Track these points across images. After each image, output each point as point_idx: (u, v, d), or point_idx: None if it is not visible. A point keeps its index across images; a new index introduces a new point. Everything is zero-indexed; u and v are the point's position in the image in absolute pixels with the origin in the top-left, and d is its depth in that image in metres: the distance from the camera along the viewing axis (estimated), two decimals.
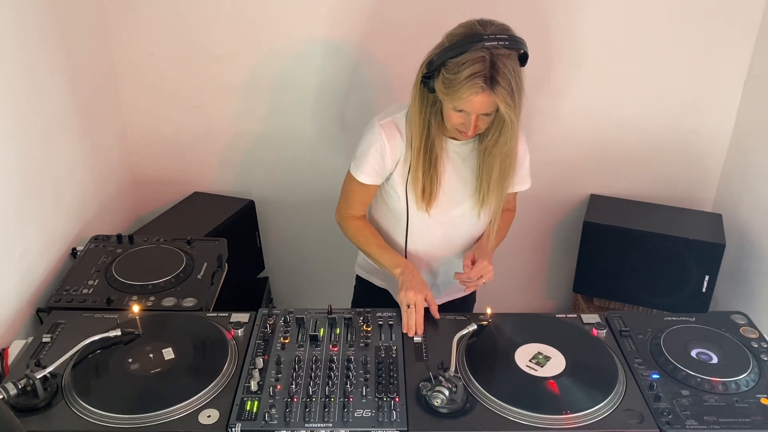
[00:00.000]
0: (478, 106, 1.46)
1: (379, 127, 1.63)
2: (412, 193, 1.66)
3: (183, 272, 1.75)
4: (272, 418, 1.26)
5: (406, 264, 1.64)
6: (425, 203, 1.66)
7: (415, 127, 1.59)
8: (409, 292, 1.54)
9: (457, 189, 1.68)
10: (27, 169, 1.71)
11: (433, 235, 1.75)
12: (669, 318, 1.57)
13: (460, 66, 1.43)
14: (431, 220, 1.70)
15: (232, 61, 2.29)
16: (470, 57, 1.42)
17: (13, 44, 1.65)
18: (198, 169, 2.49)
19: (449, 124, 1.55)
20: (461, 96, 1.44)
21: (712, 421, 1.27)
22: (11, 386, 1.27)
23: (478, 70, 1.41)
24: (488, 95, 1.43)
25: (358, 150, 1.68)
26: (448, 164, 1.66)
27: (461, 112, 1.50)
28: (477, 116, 1.49)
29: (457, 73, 1.43)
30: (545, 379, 1.36)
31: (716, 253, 2.15)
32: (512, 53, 1.45)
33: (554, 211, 2.58)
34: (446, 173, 1.66)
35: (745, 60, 2.24)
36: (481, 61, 1.41)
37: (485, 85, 1.42)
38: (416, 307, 1.52)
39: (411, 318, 1.51)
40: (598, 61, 2.27)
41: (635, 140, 2.40)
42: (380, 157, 1.64)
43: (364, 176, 1.67)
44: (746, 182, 2.28)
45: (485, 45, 1.41)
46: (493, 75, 1.41)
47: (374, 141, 1.64)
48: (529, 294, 2.80)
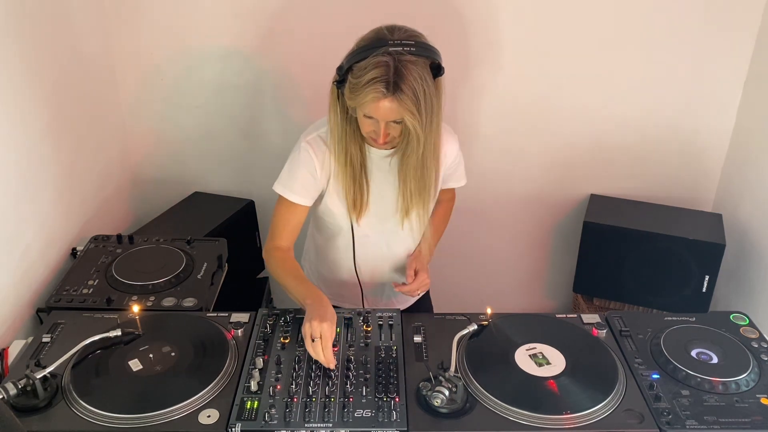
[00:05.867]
0: (383, 112, 1.42)
1: (305, 144, 1.59)
2: (344, 205, 1.63)
3: (183, 272, 1.75)
4: (272, 418, 1.26)
5: (317, 296, 1.50)
6: (356, 213, 1.62)
7: (331, 135, 1.55)
8: (313, 322, 1.38)
9: (389, 198, 1.64)
10: (27, 169, 1.71)
11: (376, 247, 1.72)
12: (669, 318, 1.57)
13: (363, 70, 1.40)
14: (370, 230, 1.68)
15: (232, 61, 2.29)
16: (373, 61, 1.38)
17: (13, 44, 1.65)
18: (198, 169, 2.49)
19: (363, 131, 1.52)
20: (362, 100, 1.41)
21: (712, 421, 1.27)
22: (11, 386, 1.27)
23: (379, 74, 1.38)
24: (391, 101, 1.39)
25: (285, 169, 1.63)
26: (377, 173, 1.62)
27: (371, 119, 1.46)
28: (386, 123, 1.46)
29: (360, 78, 1.40)
30: (545, 379, 1.35)
31: (716, 253, 2.15)
32: (420, 60, 1.40)
33: (554, 211, 2.58)
34: (374, 182, 1.62)
35: (745, 60, 2.24)
36: (383, 66, 1.38)
37: (386, 90, 1.38)
38: (322, 339, 1.37)
39: (317, 352, 1.37)
40: (598, 61, 2.27)
41: (635, 140, 2.40)
42: (310, 176, 1.59)
43: (295, 195, 1.60)
44: (746, 182, 2.28)
45: (389, 50, 1.39)
46: (396, 81, 1.37)
47: (302, 159, 1.58)
48: (529, 294, 2.80)
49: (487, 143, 2.43)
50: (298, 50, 2.27)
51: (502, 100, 2.36)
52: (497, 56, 2.28)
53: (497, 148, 2.44)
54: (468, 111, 2.37)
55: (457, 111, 2.35)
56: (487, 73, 2.31)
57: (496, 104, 2.36)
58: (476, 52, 2.28)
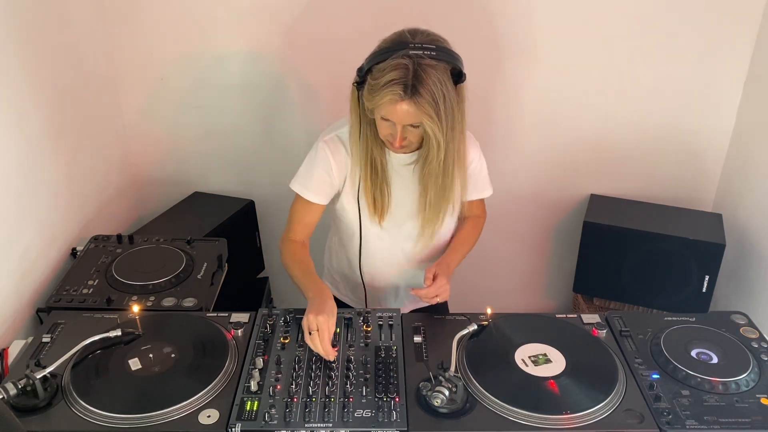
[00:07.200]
0: (400, 115, 1.41)
1: (323, 144, 1.60)
2: (364, 206, 1.63)
3: (183, 272, 1.75)
4: (272, 418, 1.26)
5: (318, 289, 1.52)
6: (377, 215, 1.62)
7: (352, 137, 1.55)
8: (310, 316, 1.41)
9: (409, 202, 1.64)
10: (27, 169, 1.71)
11: (390, 250, 1.72)
12: (669, 318, 1.57)
13: (382, 72, 1.39)
14: (385, 233, 1.68)
15: (232, 61, 2.29)
16: (392, 63, 1.38)
17: (13, 44, 1.65)
18: (198, 169, 2.49)
19: (380, 134, 1.51)
20: (380, 102, 1.41)
21: (712, 421, 1.27)
22: (11, 386, 1.27)
23: (398, 76, 1.37)
24: (409, 104, 1.39)
25: (302, 168, 1.63)
26: (396, 177, 1.62)
27: (388, 121, 1.46)
28: (403, 127, 1.45)
29: (378, 79, 1.40)
30: (545, 379, 1.35)
31: (716, 253, 2.15)
32: (440, 65, 1.39)
33: (554, 211, 2.58)
34: (394, 186, 1.62)
35: (745, 60, 2.24)
36: (403, 68, 1.37)
37: (404, 93, 1.37)
38: (319, 331, 1.39)
39: (315, 345, 1.39)
40: (598, 61, 2.27)
41: (635, 140, 2.40)
42: (326, 175, 1.60)
43: (311, 194, 1.61)
44: (746, 182, 2.28)
45: (409, 53, 1.38)
46: (414, 84, 1.37)
47: (319, 158, 1.59)
48: (529, 294, 2.80)
49: (487, 143, 2.42)
50: (298, 51, 2.27)
51: (502, 100, 2.35)
52: (496, 56, 2.28)
53: (497, 148, 2.44)
54: (467, 110, 2.36)
55: None
56: (487, 73, 2.31)
57: (496, 105, 2.36)
58: (475, 53, 2.27)
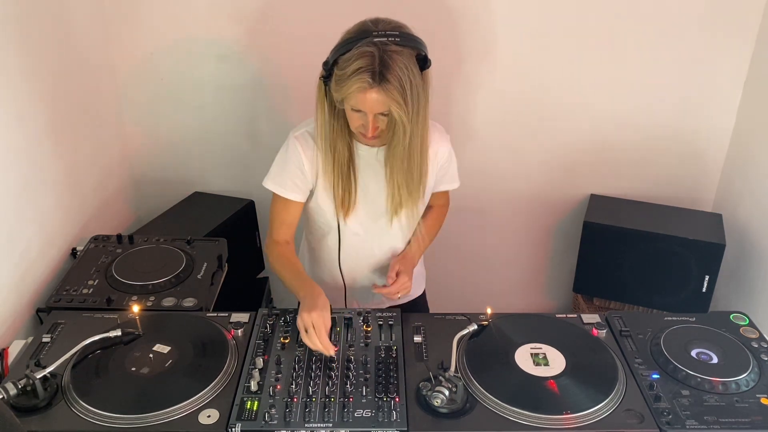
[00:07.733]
0: (370, 104, 1.41)
1: (294, 140, 1.59)
2: (332, 202, 1.62)
3: (183, 272, 1.75)
4: (272, 418, 1.26)
5: (309, 287, 1.52)
6: (343, 211, 1.62)
7: (318, 132, 1.55)
8: (303, 314, 1.42)
9: (379, 195, 1.63)
10: (27, 168, 1.71)
11: (366, 248, 1.72)
12: (669, 318, 1.57)
13: (348, 61, 1.39)
14: (360, 229, 1.67)
15: (232, 61, 2.29)
16: (357, 52, 1.38)
17: (13, 44, 1.65)
18: (198, 169, 2.49)
19: (352, 126, 1.51)
20: (348, 91, 1.41)
21: (712, 421, 1.27)
22: (11, 386, 1.27)
23: (364, 64, 1.37)
24: (378, 92, 1.39)
25: (274, 165, 1.63)
26: (366, 169, 1.61)
27: (359, 112, 1.45)
28: (374, 116, 1.45)
29: (345, 69, 1.40)
30: (545, 379, 1.35)
31: (716, 253, 2.15)
32: (405, 51, 1.40)
33: (554, 211, 2.58)
34: (363, 179, 1.61)
35: (745, 60, 2.24)
36: (369, 56, 1.37)
37: (372, 80, 1.37)
38: (315, 328, 1.40)
39: (313, 342, 1.40)
40: (598, 60, 2.27)
41: (635, 140, 2.40)
42: (299, 171, 1.59)
43: (286, 191, 1.61)
44: (746, 182, 2.28)
45: (374, 41, 1.38)
46: (381, 71, 1.37)
47: (290, 155, 1.59)
48: (529, 294, 2.80)
49: (487, 143, 2.43)
50: (298, 51, 2.27)
51: (502, 100, 2.36)
52: (496, 56, 2.28)
53: (497, 148, 2.44)
54: (466, 111, 2.37)
55: (453, 110, 2.35)
56: (487, 74, 2.31)
57: (496, 104, 2.36)
58: (474, 52, 2.28)
